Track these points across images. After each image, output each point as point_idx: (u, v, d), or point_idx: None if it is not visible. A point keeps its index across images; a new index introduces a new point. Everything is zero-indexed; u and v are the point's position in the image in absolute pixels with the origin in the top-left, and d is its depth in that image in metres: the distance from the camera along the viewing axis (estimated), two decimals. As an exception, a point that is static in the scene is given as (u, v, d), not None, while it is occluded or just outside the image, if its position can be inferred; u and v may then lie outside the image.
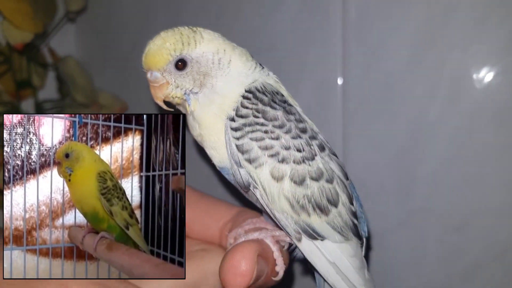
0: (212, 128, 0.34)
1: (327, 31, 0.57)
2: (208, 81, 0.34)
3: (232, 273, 0.30)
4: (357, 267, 0.34)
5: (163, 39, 0.33)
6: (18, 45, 0.59)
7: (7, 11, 0.54)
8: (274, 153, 0.33)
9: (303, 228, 0.33)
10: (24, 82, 0.66)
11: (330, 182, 0.33)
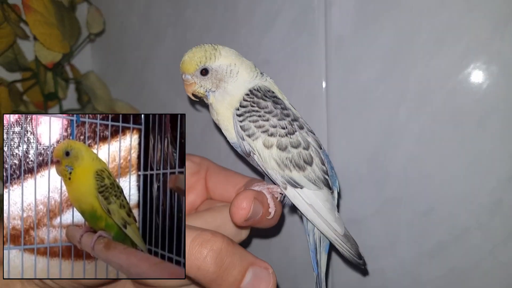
0: (224, 115, 0.45)
1: (312, 49, 0.60)
2: (222, 84, 0.45)
3: (236, 208, 0.39)
4: (329, 208, 0.44)
5: (193, 53, 0.45)
6: (49, 64, 0.64)
7: (40, 35, 0.60)
8: (265, 130, 0.43)
9: (287, 180, 0.43)
10: (51, 94, 0.72)
11: (306, 149, 0.44)
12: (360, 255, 0.46)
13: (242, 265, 0.36)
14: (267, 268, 0.38)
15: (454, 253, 0.54)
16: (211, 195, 0.48)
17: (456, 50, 0.51)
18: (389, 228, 0.58)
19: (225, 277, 0.35)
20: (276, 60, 0.64)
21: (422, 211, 0.55)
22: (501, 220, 0.51)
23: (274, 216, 0.43)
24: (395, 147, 0.56)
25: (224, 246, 0.35)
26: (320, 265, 0.48)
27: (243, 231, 0.44)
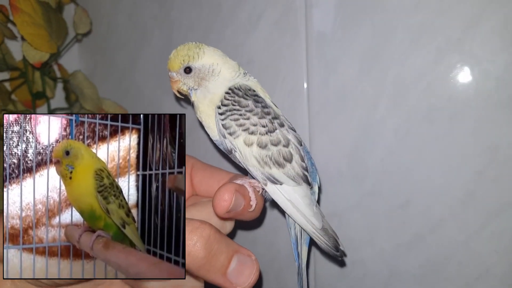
0: (206, 113, 0.46)
1: (294, 49, 0.62)
2: (203, 83, 0.46)
3: (219, 200, 0.40)
4: (307, 204, 0.45)
5: (177, 52, 0.46)
6: (37, 64, 0.65)
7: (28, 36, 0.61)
8: (245, 128, 0.44)
9: (267, 176, 0.44)
10: (39, 93, 0.72)
11: (286, 147, 0.45)
12: (337, 247, 0.47)
13: (228, 252, 0.38)
14: (250, 255, 0.39)
15: (430, 244, 0.55)
16: (196, 192, 0.49)
17: (430, 50, 0.53)
18: (368, 221, 0.59)
19: (213, 263, 0.37)
20: (260, 60, 0.65)
21: (399, 204, 0.57)
22: (474, 211, 0.53)
23: (255, 208, 0.44)
24: (373, 143, 0.58)
25: (212, 233, 0.37)
26: (301, 257, 0.49)
27: (228, 224, 0.45)
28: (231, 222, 0.46)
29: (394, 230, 0.58)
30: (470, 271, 0.54)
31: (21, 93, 0.73)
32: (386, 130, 0.57)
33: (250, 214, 0.44)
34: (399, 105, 0.55)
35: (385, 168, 0.57)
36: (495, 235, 0.52)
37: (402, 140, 0.56)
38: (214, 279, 0.38)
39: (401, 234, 0.57)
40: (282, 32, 0.63)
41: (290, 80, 0.63)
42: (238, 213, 0.42)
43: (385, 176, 0.57)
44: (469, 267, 0.54)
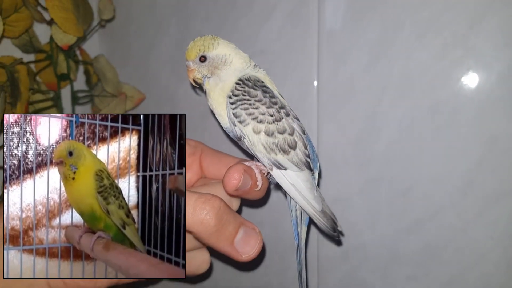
0: (217, 101, 0.49)
1: (305, 40, 0.63)
2: (216, 71, 0.49)
3: (229, 178, 0.43)
4: (308, 188, 0.48)
5: (195, 42, 0.49)
6: (64, 46, 0.68)
7: (58, 19, 0.64)
8: (254, 117, 0.47)
9: (273, 162, 0.47)
10: (64, 75, 0.75)
11: (291, 135, 0.47)
12: (334, 228, 0.50)
13: (235, 223, 0.41)
14: (255, 228, 0.43)
15: (430, 230, 0.58)
16: (205, 174, 0.51)
17: (435, 45, 0.55)
18: (370, 206, 0.61)
19: (222, 231, 0.39)
20: (272, 50, 0.67)
21: (401, 190, 0.59)
22: (473, 200, 0.55)
23: (261, 188, 0.47)
24: (378, 132, 0.60)
25: (222, 204, 0.39)
26: (300, 236, 0.52)
27: (234, 202, 0.48)
28: (237, 200, 0.48)
29: (395, 216, 0.60)
30: (467, 257, 0.56)
31: (45, 74, 0.76)
32: (391, 120, 0.59)
33: (256, 193, 0.47)
34: (404, 97, 0.57)
35: (389, 156, 0.59)
36: (492, 222, 0.54)
37: (406, 130, 0.58)
38: (222, 247, 0.40)
39: (401, 220, 0.59)
40: (295, 24, 0.64)
41: (301, 71, 0.65)
42: (245, 191, 0.45)
43: (388, 164, 0.59)
44: (466, 253, 0.56)
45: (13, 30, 0.67)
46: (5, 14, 0.64)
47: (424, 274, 0.59)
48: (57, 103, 0.75)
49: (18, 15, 0.66)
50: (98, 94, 0.78)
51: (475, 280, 0.56)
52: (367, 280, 0.63)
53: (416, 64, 0.56)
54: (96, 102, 0.79)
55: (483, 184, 0.54)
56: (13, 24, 0.66)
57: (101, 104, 0.78)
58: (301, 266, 0.52)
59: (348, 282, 0.65)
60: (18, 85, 0.62)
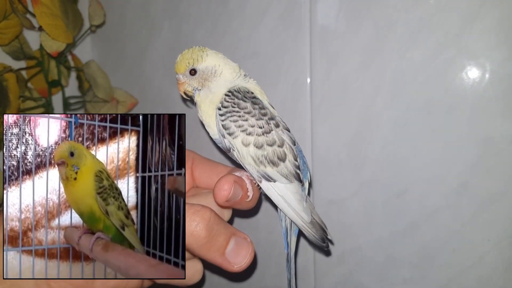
0: (207, 113, 0.48)
1: (298, 42, 0.63)
2: (207, 83, 0.49)
3: (219, 189, 0.43)
4: (298, 199, 0.48)
5: (183, 55, 0.49)
6: (54, 53, 0.68)
7: (46, 26, 0.63)
8: (244, 129, 0.46)
9: (262, 174, 0.47)
10: (55, 82, 0.75)
11: (280, 147, 0.47)
12: (323, 239, 0.50)
13: (226, 234, 0.41)
14: (246, 238, 0.42)
15: (425, 232, 0.57)
16: (197, 184, 0.51)
17: (428, 45, 0.54)
18: (365, 209, 0.61)
19: (213, 242, 0.39)
20: (265, 52, 0.67)
21: (396, 192, 0.58)
22: (468, 201, 0.54)
23: (252, 198, 0.47)
24: (372, 133, 0.59)
25: (212, 215, 0.39)
26: (290, 246, 0.53)
27: (226, 212, 0.48)
28: (228, 211, 0.48)
29: (390, 218, 0.59)
30: (463, 259, 0.56)
31: (37, 81, 0.76)
32: (385, 121, 0.58)
33: (247, 204, 0.47)
34: (398, 98, 0.57)
35: (383, 158, 0.59)
36: (488, 224, 0.54)
37: (400, 132, 0.57)
38: (213, 258, 0.40)
39: (397, 222, 0.59)
40: (287, 25, 0.64)
41: (294, 72, 0.64)
42: (236, 202, 0.45)
43: (382, 166, 0.59)
44: (462, 255, 0.56)
45: (3, 37, 0.67)
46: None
47: (421, 277, 0.58)
48: (48, 110, 0.74)
49: (7, 22, 0.65)
50: (90, 100, 0.78)
51: (472, 283, 0.55)
52: (364, 283, 0.63)
53: (409, 64, 0.56)
54: (88, 108, 0.79)
55: (478, 185, 0.54)
56: (3, 31, 0.66)
57: (93, 110, 0.78)
58: (291, 275, 0.52)
59: (345, 285, 0.64)
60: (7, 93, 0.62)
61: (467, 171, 0.54)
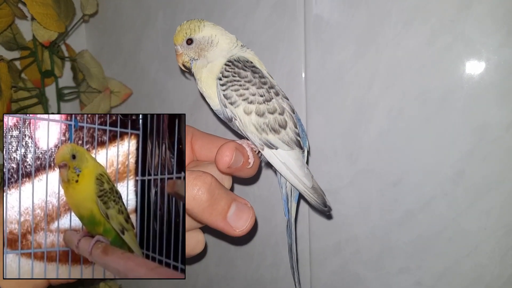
0: (206, 83, 0.49)
1: (292, 31, 0.63)
2: (203, 53, 0.50)
3: (221, 155, 0.43)
4: (299, 165, 0.49)
5: (181, 27, 0.50)
6: (46, 42, 0.68)
7: (37, 15, 0.63)
8: (245, 98, 0.47)
9: (264, 142, 0.48)
10: (48, 72, 0.75)
11: (281, 114, 0.48)
12: (325, 203, 0.51)
13: (227, 198, 0.41)
14: (247, 203, 0.43)
15: (421, 221, 0.57)
16: (197, 157, 0.51)
17: (423, 32, 0.54)
18: (361, 198, 0.61)
19: (215, 206, 0.40)
20: (259, 41, 0.66)
21: (391, 181, 0.58)
22: (464, 190, 0.54)
23: (253, 165, 0.47)
24: (367, 123, 0.59)
25: (213, 180, 0.40)
26: (290, 212, 0.53)
27: (226, 180, 0.48)
28: (229, 179, 0.48)
29: (386, 207, 0.59)
30: (459, 248, 0.56)
31: (30, 71, 0.76)
32: (380, 110, 0.58)
33: (248, 171, 0.48)
34: (393, 86, 0.57)
35: (378, 147, 0.59)
36: (484, 212, 0.54)
37: (395, 120, 0.57)
38: (215, 222, 0.40)
39: (393, 211, 0.59)
40: (281, 14, 0.64)
41: (288, 62, 0.64)
42: (237, 168, 0.45)
43: (378, 155, 0.59)
44: (458, 244, 0.56)
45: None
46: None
47: (417, 266, 0.58)
48: (42, 100, 0.74)
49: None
50: (84, 90, 0.78)
51: (468, 271, 0.55)
52: (360, 272, 0.63)
53: (404, 52, 0.55)
54: (82, 98, 0.79)
55: (474, 173, 0.54)
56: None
57: (87, 101, 0.78)
58: (291, 240, 0.53)
59: (341, 275, 0.64)
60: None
61: (463, 160, 0.54)
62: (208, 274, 0.78)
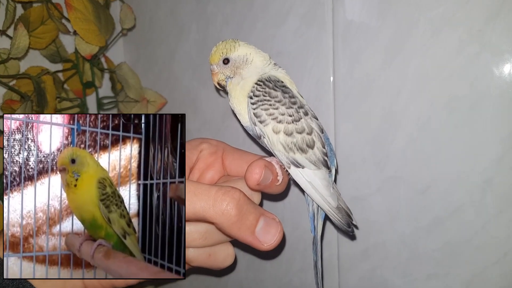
0: (238, 100, 0.51)
1: (321, 41, 0.64)
2: (238, 71, 0.51)
3: (250, 173, 0.45)
4: (325, 185, 0.49)
5: (217, 47, 0.52)
6: (88, 56, 0.72)
7: (80, 31, 0.67)
8: (274, 117, 0.48)
9: (291, 160, 0.49)
10: (89, 83, 0.79)
11: (309, 134, 0.49)
12: (349, 224, 0.51)
13: (256, 213, 0.42)
14: (275, 218, 0.44)
15: (449, 228, 0.57)
16: (227, 172, 0.53)
17: (451, 41, 0.54)
18: (389, 205, 0.61)
19: (243, 221, 0.41)
20: (288, 52, 0.68)
21: (420, 189, 0.58)
22: (492, 198, 0.54)
23: (281, 182, 0.49)
24: (395, 130, 0.59)
25: (242, 196, 0.41)
26: (317, 229, 0.54)
27: (255, 196, 0.49)
28: (258, 195, 0.50)
29: (414, 214, 0.59)
30: (488, 255, 0.55)
31: (72, 82, 0.80)
32: (408, 118, 0.58)
33: (277, 188, 0.49)
34: (421, 94, 0.57)
35: (407, 154, 0.59)
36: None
37: (423, 128, 0.57)
38: (244, 236, 0.42)
39: (421, 218, 0.59)
40: (310, 24, 0.65)
41: (317, 71, 0.65)
42: (267, 185, 0.47)
43: (406, 162, 0.59)
44: (487, 252, 0.55)
45: (40, 42, 0.71)
46: (33, 27, 0.67)
47: (445, 273, 0.58)
48: (83, 110, 0.78)
49: (45, 27, 0.69)
50: (122, 100, 0.81)
51: (497, 279, 0.55)
52: (388, 278, 0.63)
53: (432, 61, 0.56)
54: (121, 107, 0.82)
55: (503, 181, 0.53)
56: (40, 36, 0.70)
57: (125, 110, 0.81)
58: (317, 257, 0.54)
59: (369, 280, 0.65)
60: (45, 94, 0.65)
61: (491, 168, 0.54)
62: (238, 277, 0.79)
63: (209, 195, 0.40)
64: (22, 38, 0.62)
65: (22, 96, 0.64)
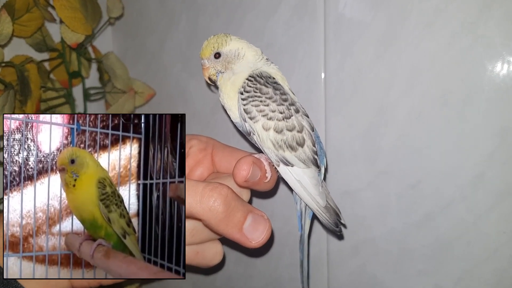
0: (228, 95, 0.50)
1: (312, 33, 0.63)
2: (230, 65, 0.50)
3: (238, 169, 0.44)
4: (314, 184, 0.49)
5: (208, 41, 0.51)
6: (73, 44, 0.70)
7: (66, 18, 0.66)
8: (264, 114, 0.48)
9: (280, 158, 0.48)
10: (75, 73, 0.78)
11: (299, 132, 0.48)
12: (337, 223, 0.51)
13: (244, 210, 0.42)
14: (263, 215, 0.43)
15: (440, 224, 0.57)
16: (217, 169, 0.53)
17: (444, 34, 0.54)
18: (380, 200, 0.61)
19: (231, 218, 0.40)
20: (279, 43, 0.67)
21: (410, 184, 0.58)
22: (484, 193, 0.54)
23: (270, 180, 0.48)
24: (386, 124, 0.59)
25: (229, 192, 0.41)
26: (304, 228, 0.54)
27: (244, 193, 0.49)
28: (247, 192, 0.49)
29: (405, 209, 0.59)
30: (479, 251, 0.55)
31: (58, 72, 0.79)
32: (399, 112, 0.58)
33: (266, 185, 0.48)
34: (413, 88, 0.56)
35: (398, 149, 0.58)
36: (504, 216, 0.53)
37: (415, 122, 0.57)
38: (231, 233, 0.41)
39: (411, 214, 0.59)
40: (301, 16, 0.64)
41: (308, 63, 0.65)
42: (255, 182, 0.46)
43: (397, 157, 0.59)
44: (478, 247, 0.55)
45: (26, 30, 0.69)
46: (18, 14, 0.66)
47: (436, 269, 0.58)
48: (69, 100, 0.76)
49: (30, 15, 0.68)
50: (110, 90, 0.80)
51: (488, 275, 0.55)
52: (378, 274, 0.63)
53: (424, 55, 0.55)
54: (108, 98, 0.81)
55: (494, 177, 0.53)
56: (26, 24, 0.69)
57: (112, 101, 0.80)
58: (303, 256, 0.54)
59: (358, 277, 0.64)
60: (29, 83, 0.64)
61: (483, 163, 0.53)
62: (227, 272, 0.79)
63: (196, 191, 0.39)
64: (5, 25, 0.60)
65: (6, 85, 0.63)
